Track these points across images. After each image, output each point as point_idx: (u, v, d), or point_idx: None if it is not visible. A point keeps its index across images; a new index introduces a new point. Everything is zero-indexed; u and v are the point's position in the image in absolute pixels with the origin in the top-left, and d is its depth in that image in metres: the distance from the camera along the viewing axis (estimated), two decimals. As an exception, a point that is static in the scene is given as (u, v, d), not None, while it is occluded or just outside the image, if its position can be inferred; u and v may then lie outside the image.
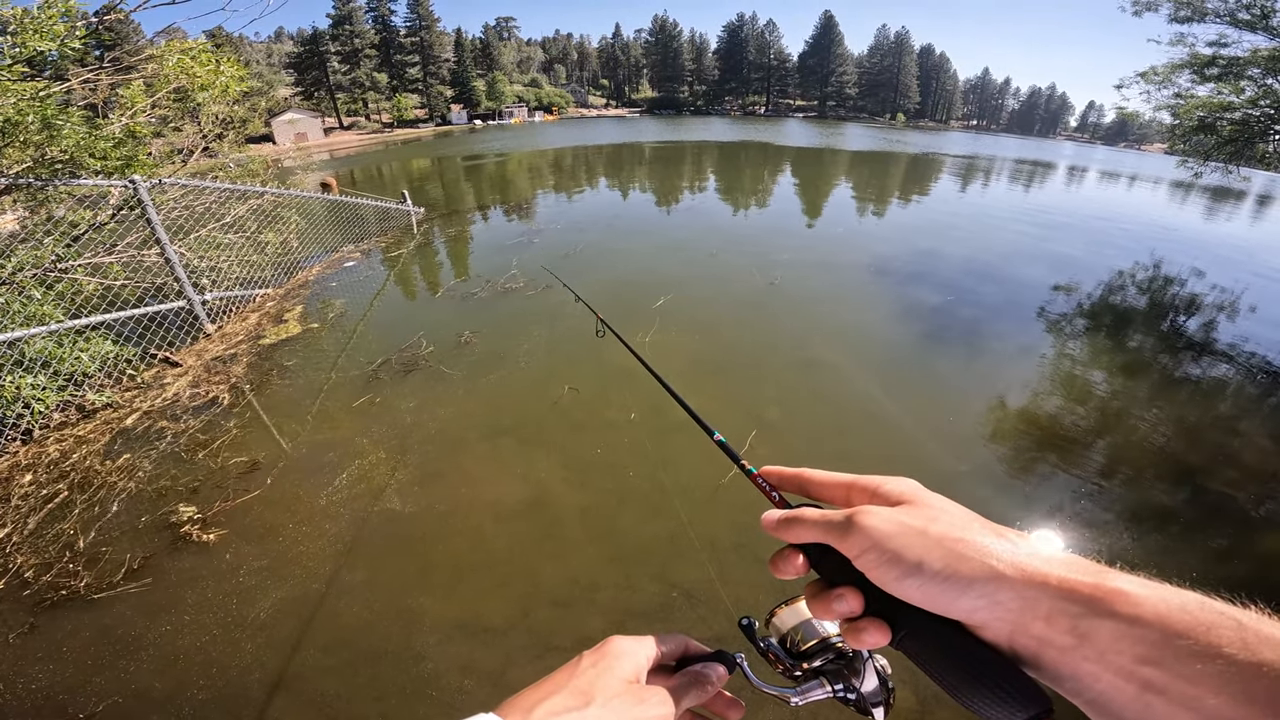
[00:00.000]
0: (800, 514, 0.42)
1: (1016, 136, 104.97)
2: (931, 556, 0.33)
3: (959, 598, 0.32)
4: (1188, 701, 0.25)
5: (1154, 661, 0.26)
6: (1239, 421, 4.48)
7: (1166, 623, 0.26)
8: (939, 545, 0.34)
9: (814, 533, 0.40)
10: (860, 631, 0.37)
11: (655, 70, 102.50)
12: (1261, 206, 21.39)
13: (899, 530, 0.35)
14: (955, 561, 0.33)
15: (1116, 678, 0.27)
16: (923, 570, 0.33)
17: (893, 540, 0.35)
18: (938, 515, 0.36)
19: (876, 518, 0.37)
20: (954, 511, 0.37)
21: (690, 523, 2.98)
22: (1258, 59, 9.08)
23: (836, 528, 0.38)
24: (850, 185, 17.49)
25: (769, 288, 6.79)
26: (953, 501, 0.38)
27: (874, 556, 0.36)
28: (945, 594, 0.33)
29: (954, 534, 0.34)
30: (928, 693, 2.16)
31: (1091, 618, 0.28)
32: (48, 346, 3.89)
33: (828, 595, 0.39)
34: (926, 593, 0.34)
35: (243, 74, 6.18)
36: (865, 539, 0.36)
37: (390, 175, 21.57)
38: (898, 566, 0.34)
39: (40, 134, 4.32)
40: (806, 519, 0.41)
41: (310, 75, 59.46)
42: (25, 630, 2.38)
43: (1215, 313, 7.12)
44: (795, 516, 0.42)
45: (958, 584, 0.32)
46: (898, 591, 0.35)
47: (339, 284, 6.91)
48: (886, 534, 0.35)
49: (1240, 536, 3.13)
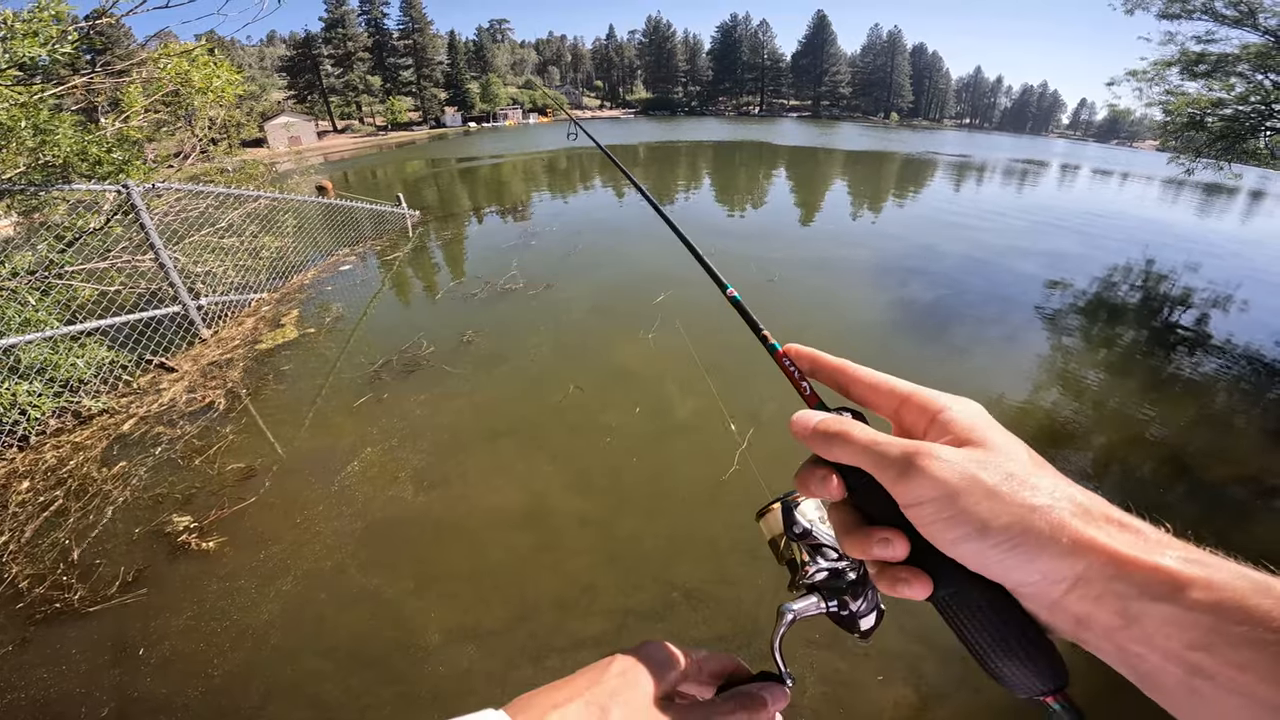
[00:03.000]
0: (845, 428, 0.35)
1: (1009, 135, 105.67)
2: (999, 523, 0.29)
3: (1017, 569, 0.29)
4: (1238, 688, 0.24)
5: (1204, 647, 0.25)
6: (1235, 415, 4.52)
7: (1221, 608, 0.25)
8: (1009, 510, 0.29)
9: (861, 458, 0.34)
10: (898, 581, 0.33)
11: (649, 71, 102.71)
12: (1255, 202, 21.58)
13: (968, 486, 0.30)
14: (1024, 532, 0.29)
15: (1164, 660, 0.26)
16: (987, 536, 0.29)
17: (961, 498, 0.30)
18: (1012, 469, 0.30)
19: (945, 466, 0.30)
20: (1027, 461, 0.32)
21: (691, 521, 2.98)
22: (1246, 55, 9.16)
23: (892, 463, 0.32)
24: (846, 184, 17.56)
25: (767, 285, 6.80)
26: (1019, 442, 0.33)
27: (932, 510, 0.31)
28: (1003, 563, 0.29)
29: (1026, 497, 0.29)
30: (928, 690, 2.17)
31: (1143, 600, 0.26)
32: (43, 353, 3.86)
33: (867, 534, 0.34)
34: (984, 559, 0.30)
35: (239, 78, 6.16)
36: (928, 488, 0.30)
37: (385, 178, 21.52)
38: (960, 528, 0.30)
39: (34, 139, 4.29)
40: (853, 438, 0.34)
41: (303, 79, 59.33)
42: (18, 643, 2.36)
43: (1209, 307, 7.17)
44: (839, 432, 0.35)
45: (1021, 556, 0.29)
46: (950, 551, 0.31)
47: (335, 288, 6.88)
48: (954, 489, 0.30)
49: (1239, 532, 3.15)
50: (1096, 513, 0.29)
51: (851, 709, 2.12)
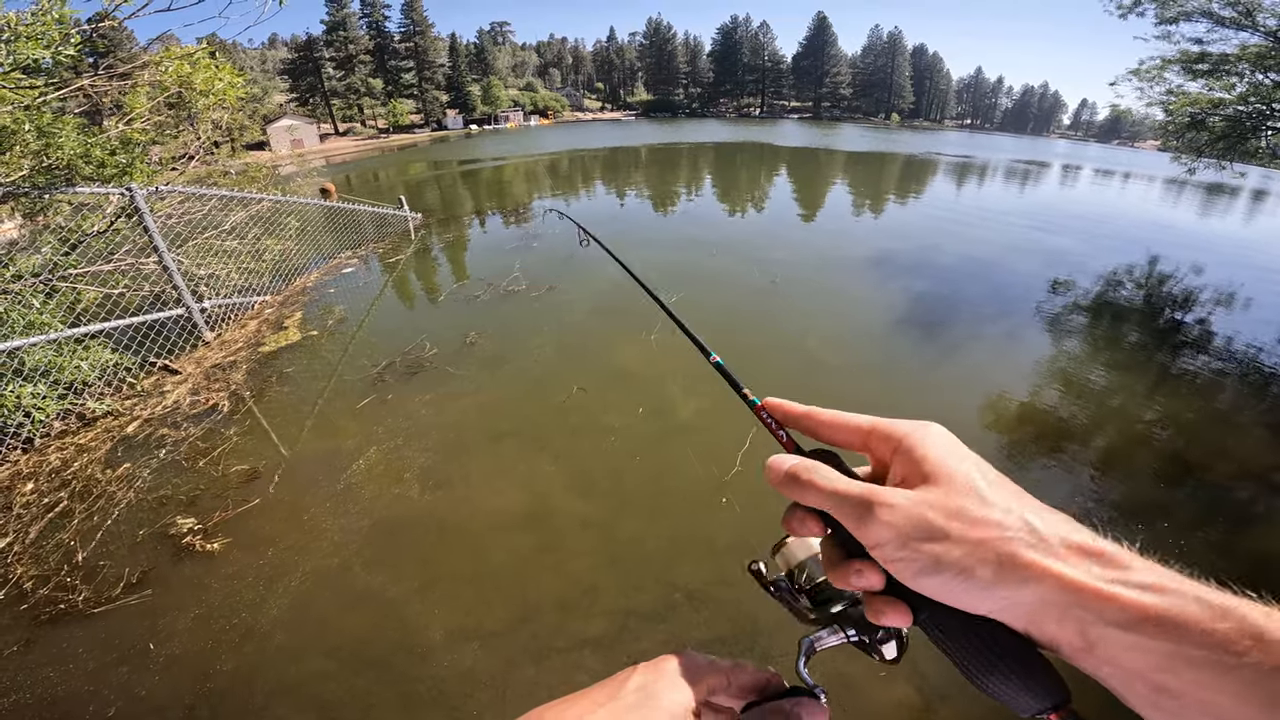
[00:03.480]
0: (812, 474, 0.36)
1: (1010, 135, 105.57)
2: (949, 559, 0.30)
3: (980, 599, 0.30)
4: (1206, 709, 0.25)
5: (1167, 670, 0.25)
6: (1237, 415, 4.51)
7: (1181, 634, 0.25)
8: (957, 545, 0.30)
9: (825, 503, 0.35)
10: (879, 611, 0.35)
11: (650, 73, 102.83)
12: (1258, 201, 21.53)
13: (919, 526, 0.31)
14: (975, 564, 0.30)
15: (1130, 679, 0.27)
16: (940, 571, 0.31)
17: (912, 538, 0.31)
18: (961, 504, 0.31)
19: (894, 511, 0.32)
20: (977, 492, 0.32)
21: (693, 522, 2.98)
22: (1246, 55, 9.16)
23: (851, 507, 0.34)
24: (847, 185, 17.56)
25: (770, 287, 6.81)
26: (977, 466, 0.34)
27: (890, 551, 0.32)
28: (964, 595, 0.30)
29: (973, 533, 0.30)
30: (931, 690, 2.17)
31: (1100, 625, 0.27)
32: (47, 355, 3.88)
33: (845, 566, 0.35)
34: (945, 591, 0.31)
35: (240, 80, 6.19)
36: (882, 531, 0.32)
37: (387, 181, 21.57)
38: (914, 564, 0.31)
39: (37, 141, 4.32)
40: (818, 484, 0.36)
41: (305, 81, 59.48)
42: (23, 644, 2.37)
43: (1213, 307, 7.16)
44: (806, 478, 0.36)
45: (975, 586, 0.30)
46: (914, 585, 0.32)
47: (338, 290, 6.90)
48: (904, 532, 0.31)
49: (1239, 530, 3.14)
50: (1053, 539, 0.30)
51: (853, 710, 2.12)
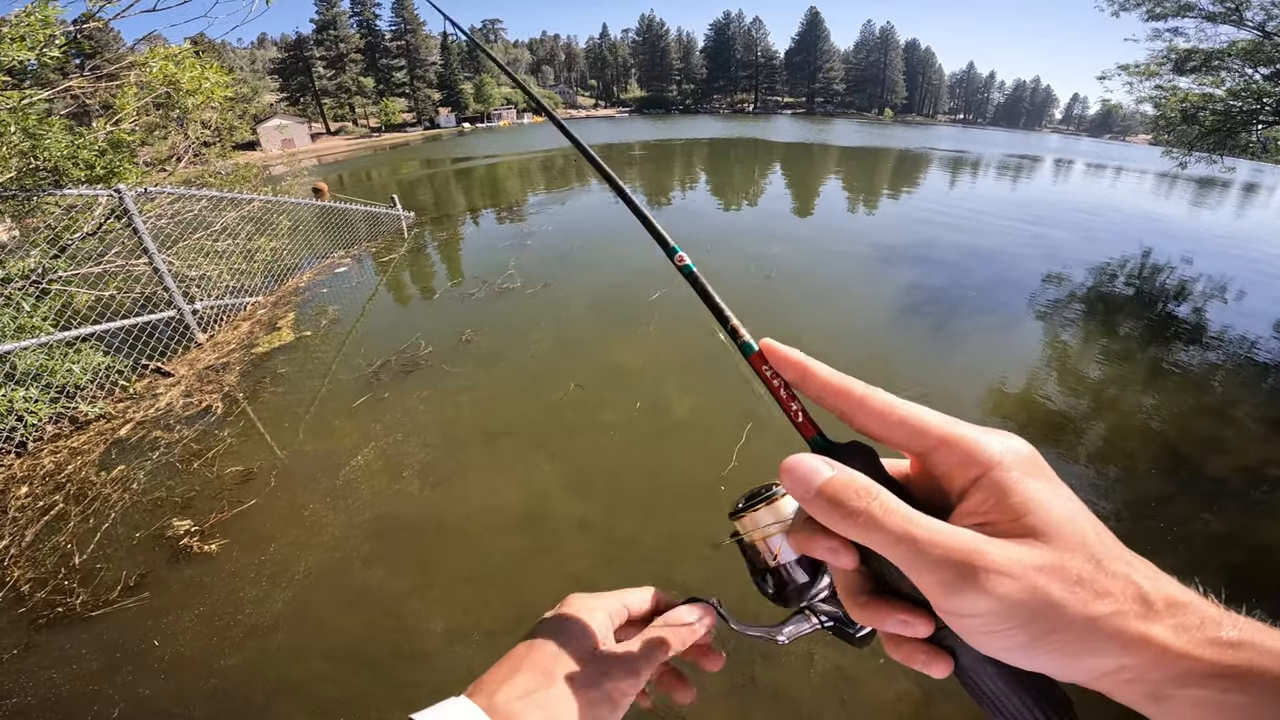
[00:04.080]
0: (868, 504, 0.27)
1: (1003, 130, 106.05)
2: (1055, 638, 0.25)
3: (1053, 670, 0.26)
4: None
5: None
6: (1234, 406, 4.56)
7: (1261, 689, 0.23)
8: (1073, 622, 0.24)
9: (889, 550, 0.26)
10: (914, 659, 0.29)
11: (643, 70, 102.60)
12: (1248, 195, 21.73)
13: (1034, 603, 0.24)
14: (1076, 641, 0.24)
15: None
16: (1034, 648, 0.25)
17: (1021, 615, 0.24)
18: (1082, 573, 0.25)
19: (1010, 585, 0.24)
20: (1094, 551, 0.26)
21: (691, 520, 2.99)
22: (1236, 50, 9.23)
23: (939, 570, 0.25)
24: (841, 180, 17.60)
25: (765, 282, 6.82)
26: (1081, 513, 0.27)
27: (980, 624, 0.25)
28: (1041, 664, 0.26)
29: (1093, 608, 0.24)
30: (931, 684, 2.17)
31: (1175, 686, 0.24)
32: (39, 359, 3.84)
33: (883, 610, 0.29)
34: (1020, 660, 0.26)
35: (227, 79, 6.13)
36: (985, 606, 0.25)
37: (379, 180, 21.46)
38: (1007, 640, 0.25)
39: (24, 143, 4.27)
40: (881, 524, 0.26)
41: (295, 81, 59.03)
42: (22, 648, 2.36)
43: (1205, 299, 7.23)
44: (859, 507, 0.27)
45: (1065, 660, 0.25)
46: (986, 650, 0.26)
47: (331, 290, 6.87)
48: (1019, 608, 0.24)
49: (1238, 523, 3.17)
50: (1157, 601, 0.25)
51: (853, 704, 2.13)
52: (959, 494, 0.28)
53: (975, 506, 0.27)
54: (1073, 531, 0.26)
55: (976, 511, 0.27)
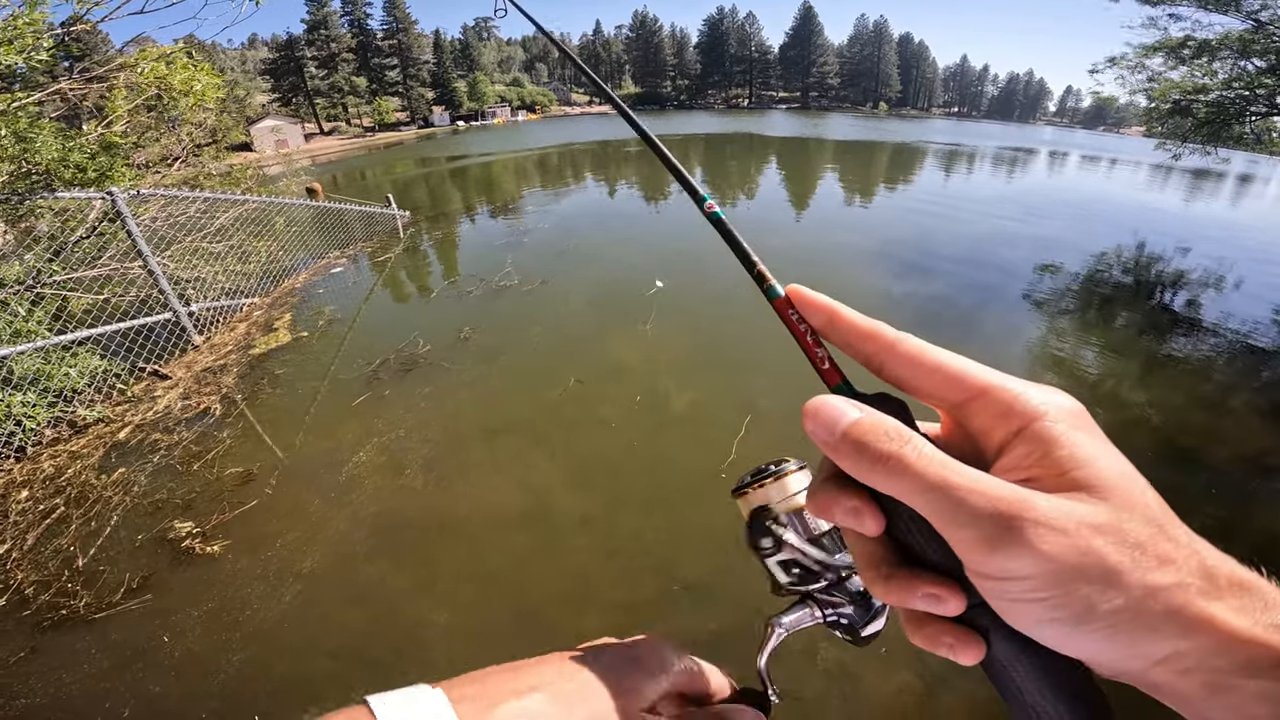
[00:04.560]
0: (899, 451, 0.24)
1: (997, 122, 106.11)
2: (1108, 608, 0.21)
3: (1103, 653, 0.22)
4: None
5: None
6: (1231, 395, 4.59)
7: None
8: (1125, 593, 0.21)
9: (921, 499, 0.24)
10: (940, 642, 0.26)
11: (637, 66, 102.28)
12: (1242, 185, 21.81)
13: (1086, 565, 0.21)
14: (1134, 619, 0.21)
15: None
16: (1084, 623, 0.22)
17: (1070, 581, 0.21)
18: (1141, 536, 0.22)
19: (1059, 540, 0.21)
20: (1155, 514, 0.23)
21: (692, 513, 3.00)
22: (1229, 41, 9.25)
23: (978, 522, 0.22)
24: (837, 174, 17.60)
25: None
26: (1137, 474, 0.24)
27: (1024, 589, 0.22)
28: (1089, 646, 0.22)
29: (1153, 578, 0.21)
30: (932, 676, 2.17)
31: (1236, 676, 0.21)
32: (35, 363, 3.83)
33: (907, 584, 0.25)
34: (1067, 641, 0.23)
35: (219, 80, 6.10)
36: (1028, 565, 0.21)
37: (374, 179, 21.36)
38: (1054, 613, 0.22)
39: (14, 147, 4.24)
40: (913, 468, 0.24)
41: (287, 81, 58.64)
42: (28, 651, 2.36)
43: (1201, 289, 7.27)
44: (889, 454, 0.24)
45: (1120, 641, 0.22)
46: (1025, 625, 0.23)
47: (327, 290, 6.85)
48: (1068, 569, 0.21)
49: (1237, 513, 3.18)
50: (1221, 577, 0.22)
51: (854, 696, 2.13)
52: (998, 449, 0.25)
53: (1018, 461, 0.24)
54: (1129, 489, 0.23)
55: (1019, 466, 0.24)
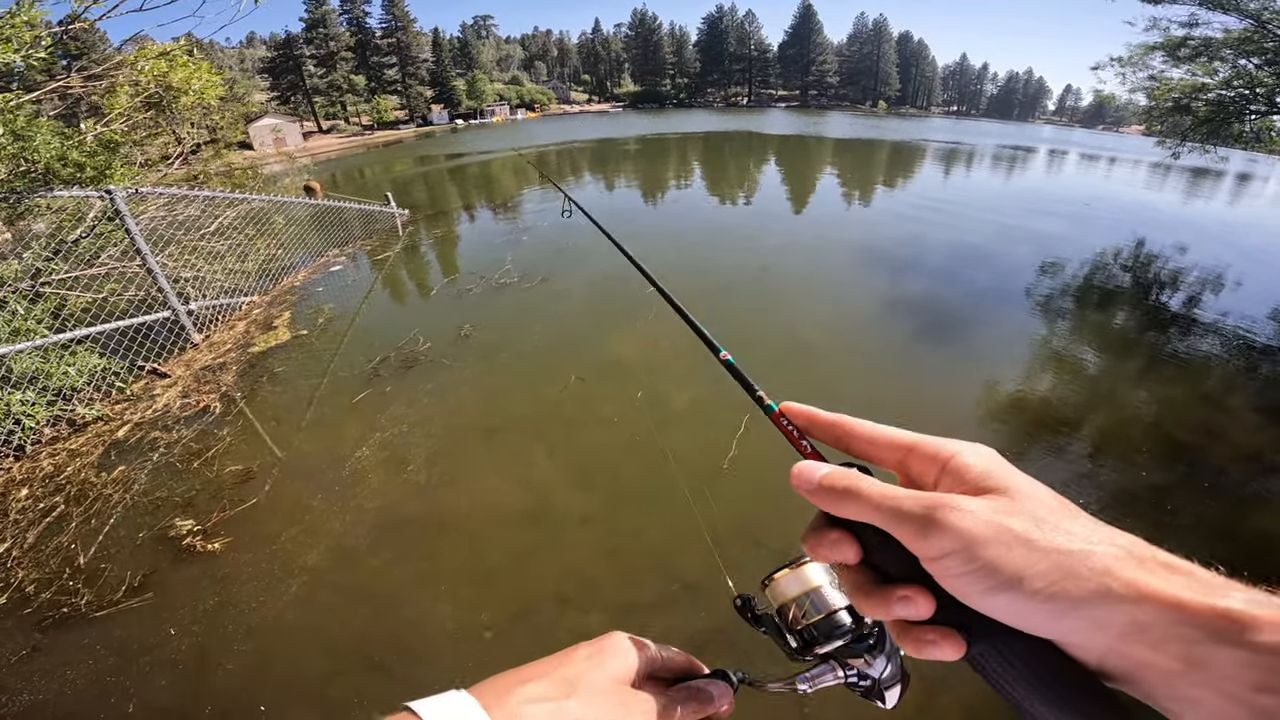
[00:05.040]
0: (856, 485, 0.32)
1: (996, 121, 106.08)
2: (1034, 571, 0.27)
3: (1060, 620, 0.27)
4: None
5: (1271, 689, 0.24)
6: (1229, 396, 4.60)
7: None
8: (1045, 557, 0.27)
9: (875, 516, 0.31)
10: (925, 643, 0.31)
11: (637, 64, 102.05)
12: (1241, 184, 21.83)
13: (995, 534, 0.28)
14: (1064, 579, 0.27)
15: (1227, 703, 0.25)
16: (1021, 587, 0.27)
17: (987, 547, 0.28)
18: (1043, 514, 0.29)
19: (967, 515, 0.28)
20: (1056, 507, 0.30)
21: (690, 511, 3.00)
22: (1230, 40, 9.25)
23: (909, 518, 0.30)
24: (837, 172, 17.58)
25: (761, 273, 6.84)
26: (1041, 485, 0.31)
27: (958, 563, 0.28)
28: (1044, 615, 0.27)
29: (1061, 542, 0.28)
30: (934, 678, 2.16)
31: (1208, 644, 0.25)
32: (34, 362, 3.82)
33: (885, 594, 0.32)
34: (1019, 610, 0.28)
35: (218, 79, 6.08)
36: (950, 540, 0.28)
37: (373, 178, 21.32)
38: (989, 579, 0.28)
39: (12, 145, 4.23)
40: (866, 495, 0.32)
41: (286, 80, 58.48)
42: (29, 650, 2.36)
43: (1200, 288, 7.28)
44: (849, 488, 0.32)
45: (1063, 605, 0.27)
46: (981, 606, 0.29)
47: (326, 289, 6.84)
48: (980, 538, 0.28)
49: (1235, 513, 3.19)
50: (1144, 556, 0.28)
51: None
52: (932, 486, 0.33)
53: (946, 488, 0.32)
54: (1031, 490, 0.30)
55: (946, 490, 0.32)
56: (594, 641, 0.42)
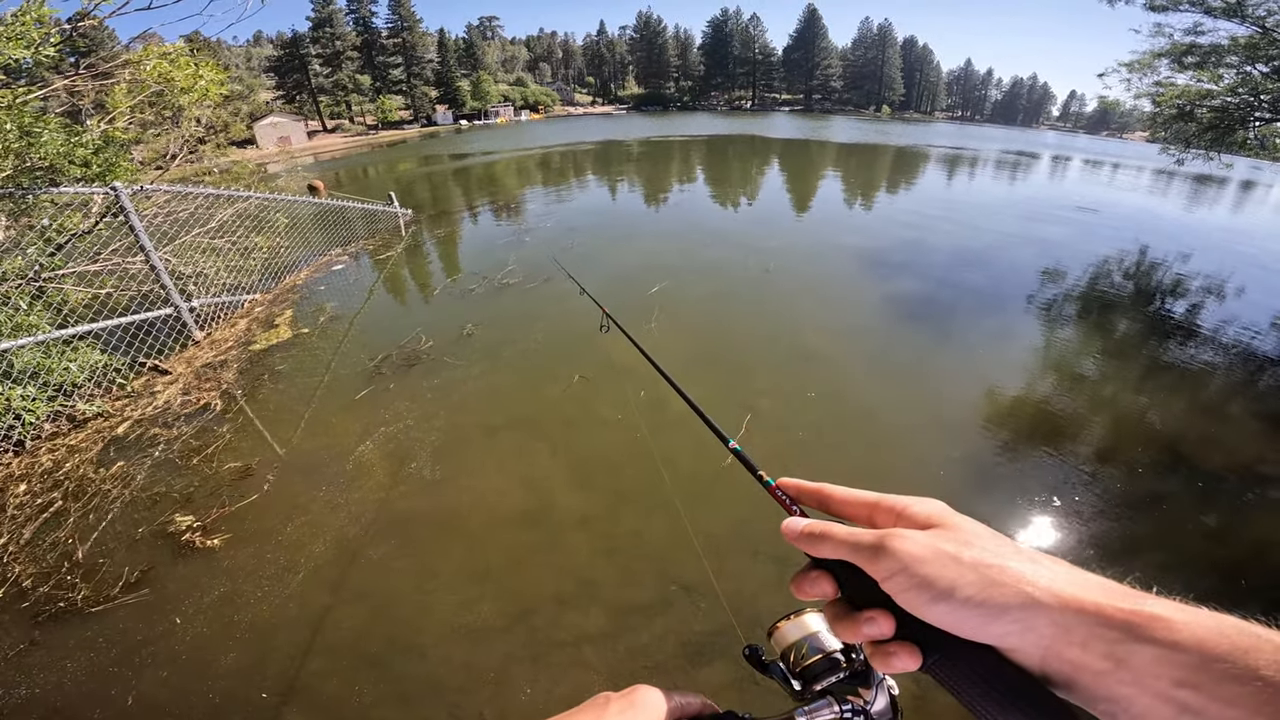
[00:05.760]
0: (828, 529, 0.41)
1: (1000, 126, 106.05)
2: (964, 581, 0.33)
3: (991, 623, 0.32)
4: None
5: (1191, 685, 0.26)
6: (1229, 402, 4.57)
7: (1204, 647, 0.27)
8: (972, 570, 0.33)
9: (842, 550, 0.39)
10: (889, 656, 0.37)
11: (641, 67, 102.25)
12: (1245, 191, 21.77)
13: (931, 555, 0.35)
14: (988, 587, 0.32)
15: (1154, 700, 0.27)
16: (954, 595, 0.33)
17: (925, 565, 0.34)
18: (970, 539, 0.36)
19: (909, 541, 0.36)
20: (986, 536, 0.36)
21: (690, 513, 2.99)
22: (1235, 47, 9.22)
23: (866, 548, 0.37)
24: (840, 176, 17.58)
25: (764, 276, 6.83)
26: (983, 525, 0.38)
27: (904, 580, 0.35)
28: (977, 619, 0.33)
29: (987, 559, 0.34)
30: (926, 680, 2.17)
31: (1129, 643, 0.28)
32: (35, 357, 3.83)
33: (855, 618, 0.38)
34: (958, 618, 0.33)
35: (222, 77, 6.10)
36: (896, 562, 0.35)
37: (376, 177, 21.38)
38: (928, 591, 0.34)
39: (19, 141, 4.25)
40: (834, 535, 0.40)
41: (291, 78, 58.73)
42: (26, 645, 2.36)
43: (1204, 295, 7.25)
44: (823, 532, 0.41)
45: (990, 610, 0.32)
46: (928, 616, 0.34)
47: (328, 287, 6.85)
48: (918, 558, 0.35)
49: (1233, 519, 3.17)
50: (1060, 570, 0.33)
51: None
52: None
53: None
54: (968, 525, 0.38)
55: None
56: (624, 695, 0.48)
